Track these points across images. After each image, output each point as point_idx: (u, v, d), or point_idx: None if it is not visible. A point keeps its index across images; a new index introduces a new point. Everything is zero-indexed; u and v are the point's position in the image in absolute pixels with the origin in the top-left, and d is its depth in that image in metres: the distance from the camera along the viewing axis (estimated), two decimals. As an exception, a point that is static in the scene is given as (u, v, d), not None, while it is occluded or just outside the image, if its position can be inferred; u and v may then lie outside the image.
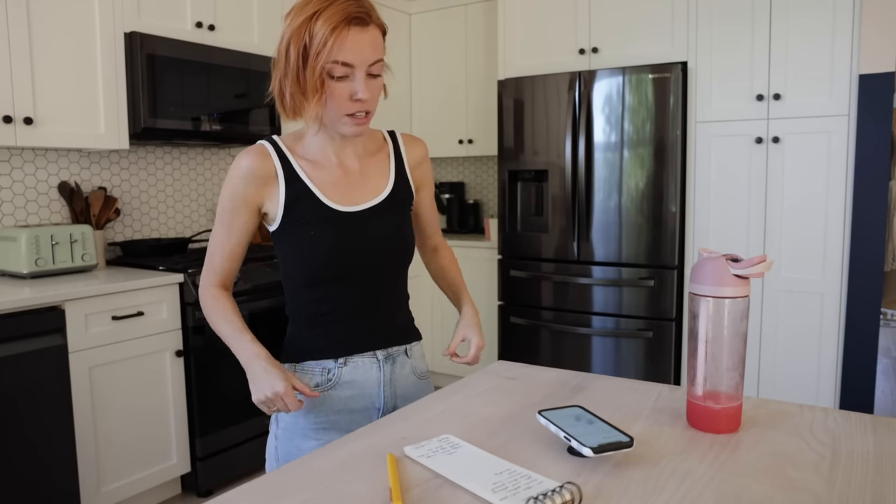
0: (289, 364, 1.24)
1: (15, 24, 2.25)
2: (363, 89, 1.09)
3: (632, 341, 3.15)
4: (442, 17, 4.02)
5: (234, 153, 3.37)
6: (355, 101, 1.10)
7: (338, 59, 1.06)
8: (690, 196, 3.04)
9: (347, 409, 1.21)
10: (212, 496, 2.62)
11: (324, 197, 1.17)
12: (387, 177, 1.24)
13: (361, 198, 1.20)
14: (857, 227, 2.69)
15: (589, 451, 0.83)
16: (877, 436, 0.93)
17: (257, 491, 0.80)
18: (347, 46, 1.05)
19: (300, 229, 1.16)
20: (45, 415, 2.09)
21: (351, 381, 1.20)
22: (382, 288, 1.23)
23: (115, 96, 2.54)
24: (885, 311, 5.09)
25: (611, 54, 3.18)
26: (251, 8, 3.04)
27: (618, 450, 0.84)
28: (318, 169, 1.18)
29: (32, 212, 2.63)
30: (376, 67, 1.11)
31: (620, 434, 0.87)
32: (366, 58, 1.08)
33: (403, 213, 1.25)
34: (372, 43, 1.09)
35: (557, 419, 0.92)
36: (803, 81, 2.76)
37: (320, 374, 1.20)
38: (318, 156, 1.19)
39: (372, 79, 1.11)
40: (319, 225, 1.16)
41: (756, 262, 0.91)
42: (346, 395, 1.20)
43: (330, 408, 1.20)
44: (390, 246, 1.21)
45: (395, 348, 1.25)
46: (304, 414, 1.20)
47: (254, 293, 2.71)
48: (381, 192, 1.22)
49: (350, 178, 1.20)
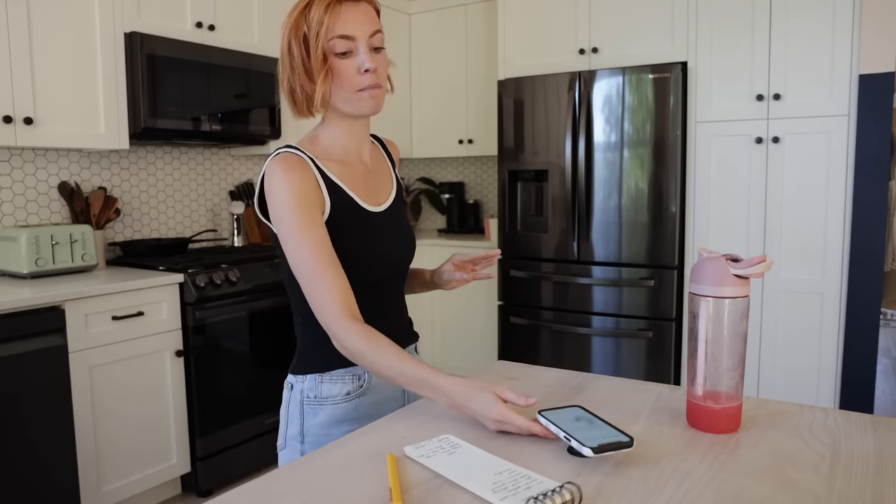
0: (313, 375, 1.16)
1: (15, 23, 2.25)
2: (368, 59, 1.08)
3: (632, 341, 3.15)
4: (442, 17, 4.02)
5: (234, 153, 3.37)
6: (364, 73, 1.09)
7: (337, 34, 1.07)
8: (690, 196, 3.04)
9: (378, 413, 1.18)
10: (212, 496, 2.62)
11: (359, 199, 1.15)
12: (390, 176, 1.26)
13: (381, 196, 1.20)
14: (857, 226, 2.69)
15: (589, 452, 0.82)
16: (877, 436, 0.93)
17: (257, 491, 0.80)
18: (343, 19, 1.07)
19: (342, 233, 1.11)
20: (45, 415, 2.09)
21: (379, 385, 1.18)
22: (399, 289, 1.24)
23: (115, 96, 2.54)
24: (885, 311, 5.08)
25: (611, 54, 3.18)
26: (251, 8, 3.04)
27: (618, 450, 0.83)
28: (347, 168, 1.16)
29: (32, 212, 2.63)
30: (377, 39, 1.11)
31: (620, 434, 0.86)
32: (364, 28, 1.09)
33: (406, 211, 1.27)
34: (367, 14, 1.10)
35: (557, 419, 0.91)
36: (803, 81, 2.76)
37: (351, 381, 1.15)
38: (341, 154, 1.17)
39: (376, 52, 1.11)
40: (360, 228, 1.13)
41: (756, 262, 0.91)
42: (375, 399, 1.18)
43: (362, 414, 1.16)
44: (410, 244, 1.23)
45: (408, 347, 1.26)
46: (337, 423, 1.15)
47: (253, 293, 2.70)
48: (391, 191, 1.23)
49: (370, 176, 1.20)
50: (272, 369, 2.81)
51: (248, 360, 2.70)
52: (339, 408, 1.15)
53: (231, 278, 2.61)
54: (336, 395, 1.15)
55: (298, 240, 1.05)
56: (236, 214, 3.27)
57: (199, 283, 2.49)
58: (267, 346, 2.78)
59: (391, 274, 1.19)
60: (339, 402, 1.15)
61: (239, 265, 2.68)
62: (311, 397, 1.15)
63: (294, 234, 1.05)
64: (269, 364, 2.79)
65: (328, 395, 1.15)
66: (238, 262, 2.70)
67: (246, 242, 3.37)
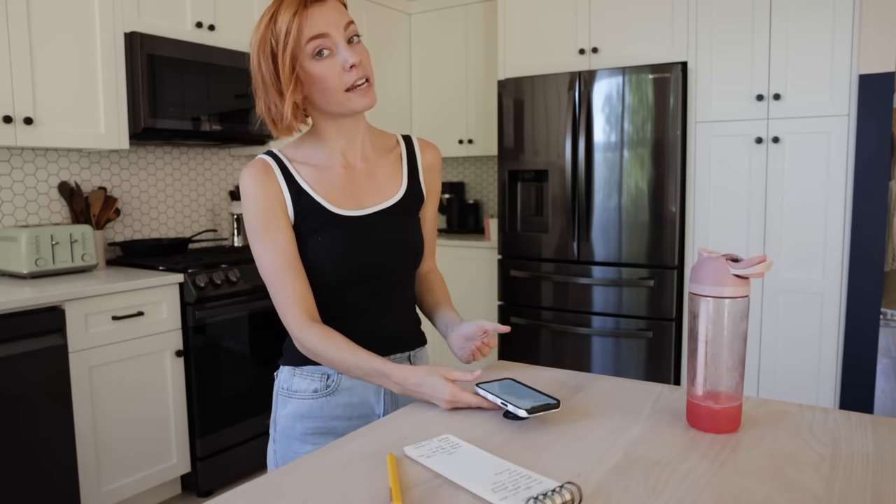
0: (289, 367, 1.20)
1: (15, 23, 2.25)
2: (350, 54, 1.05)
3: (632, 341, 3.15)
4: (442, 17, 4.02)
5: (234, 153, 3.37)
6: (350, 69, 1.06)
7: (310, 35, 1.04)
8: (690, 196, 3.04)
9: (345, 415, 1.18)
10: (212, 496, 2.62)
11: (329, 204, 1.14)
12: (398, 180, 1.21)
13: (368, 201, 1.17)
14: (857, 226, 2.69)
15: (524, 413, 0.95)
16: (877, 436, 0.93)
17: (257, 491, 0.80)
18: (312, 20, 1.04)
19: (308, 238, 1.13)
20: (45, 415, 2.09)
21: (350, 388, 1.17)
22: (387, 293, 1.20)
23: (115, 96, 2.54)
24: (885, 311, 5.09)
25: (611, 54, 3.18)
26: (251, 8, 3.04)
27: (547, 410, 0.97)
28: (323, 173, 1.15)
29: (32, 212, 2.63)
30: (352, 30, 1.08)
31: (549, 398, 1.00)
32: (336, 21, 1.06)
33: (413, 216, 1.22)
34: (336, 9, 1.07)
35: (494, 389, 1.03)
36: (803, 81, 2.76)
37: (319, 379, 1.17)
38: (322, 159, 1.16)
39: (354, 44, 1.08)
40: (327, 232, 1.13)
41: (756, 262, 0.91)
42: (345, 401, 1.17)
43: (328, 413, 1.17)
44: (397, 250, 1.18)
45: (397, 355, 1.22)
46: (301, 418, 1.17)
47: (253, 293, 2.70)
48: (391, 196, 1.19)
49: (356, 180, 1.17)
50: (272, 369, 2.81)
51: (248, 360, 2.70)
52: (305, 403, 1.17)
53: (231, 278, 2.61)
54: (304, 391, 1.17)
55: (261, 248, 1.11)
56: (236, 214, 3.27)
57: (199, 283, 2.49)
58: (267, 346, 2.78)
59: (368, 276, 1.16)
60: (305, 397, 1.17)
61: (239, 265, 2.68)
62: (284, 388, 1.20)
63: (257, 242, 1.12)
64: (269, 364, 2.79)
65: (297, 389, 1.18)
66: (238, 262, 2.70)
67: (246, 242, 3.37)
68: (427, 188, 1.26)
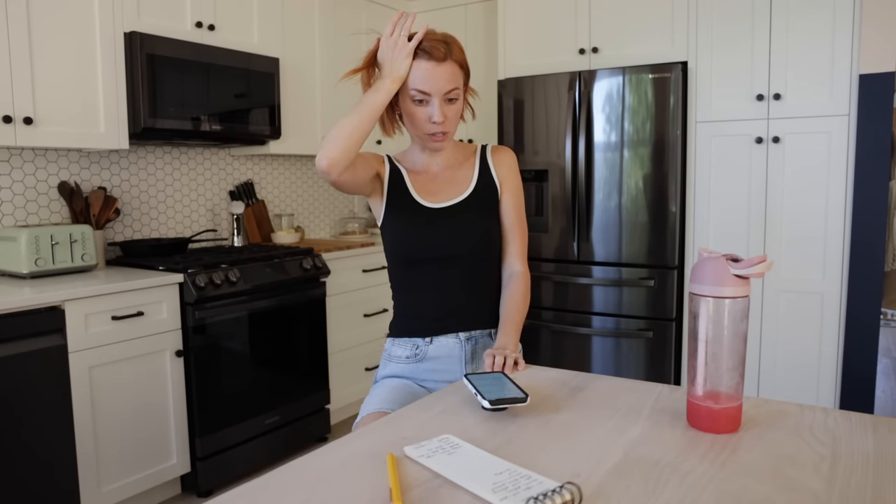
0: (391, 338, 1.48)
1: (15, 23, 2.25)
2: (438, 114, 1.34)
3: (632, 341, 3.15)
4: (442, 17, 4.02)
5: (234, 153, 3.37)
6: (433, 123, 1.35)
7: (415, 87, 1.32)
8: (690, 196, 3.04)
9: (433, 379, 1.44)
10: (212, 496, 2.62)
11: (415, 194, 1.44)
12: (469, 181, 1.48)
13: (445, 198, 1.45)
14: (857, 226, 2.69)
15: (487, 404, 0.99)
16: (877, 436, 0.93)
17: (257, 491, 0.80)
18: (424, 76, 1.31)
19: (397, 220, 1.42)
20: (45, 415, 2.09)
21: (437, 357, 1.44)
22: (463, 275, 1.43)
23: (114, 96, 2.54)
24: (885, 311, 5.09)
25: (611, 54, 3.18)
26: (251, 8, 3.04)
27: (512, 404, 0.99)
28: (417, 175, 1.47)
29: (32, 212, 2.63)
30: (453, 94, 1.35)
31: (519, 392, 1.02)
32: (440, 88, 1.32)
33: (486, 208, 1.46)
34: (447, 75, 1.32)
35: (476, 380, 1.08)
36: (803, 81, 2.76)
37: (411, 348, 1.45)
38: (416, 165, 1.49)
39: (449, 104, 1.35)
40: (412, 217, 1.42)
41: (756, 262, 0.91)
42: (432, 367, 1.44)
43: (417, 376, 1.45)
44: (468, 236, 1.42)
45: (478, 331, 1.44)
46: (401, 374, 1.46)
47: (253, 293, 2.70)
48: (463, 192, 1.46)
49: (438, 182, 1.47)
50: (272, 369, 2.81)
51: (248, 360, 2.70)
52: (400, 366, 1.46)
53: (231, 278, 2.61)
54: (400, 356, 1.46)
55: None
56: (236, 214, 3.26)
57: (198, 283, 2.49)
58: (267, 346, 2.78)
59: (434, 257, 1.41)
60: (401, 361, 1.46)
61: (239, 265, 2.68)
62: (387, 353, 1.50)
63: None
64: (268, 364, 2.79)
65: (395, 355, 1.47)
66: (238, 262, 2.70)
67: (246, 242, 3.37)
68: (500, 179, 1.49)
